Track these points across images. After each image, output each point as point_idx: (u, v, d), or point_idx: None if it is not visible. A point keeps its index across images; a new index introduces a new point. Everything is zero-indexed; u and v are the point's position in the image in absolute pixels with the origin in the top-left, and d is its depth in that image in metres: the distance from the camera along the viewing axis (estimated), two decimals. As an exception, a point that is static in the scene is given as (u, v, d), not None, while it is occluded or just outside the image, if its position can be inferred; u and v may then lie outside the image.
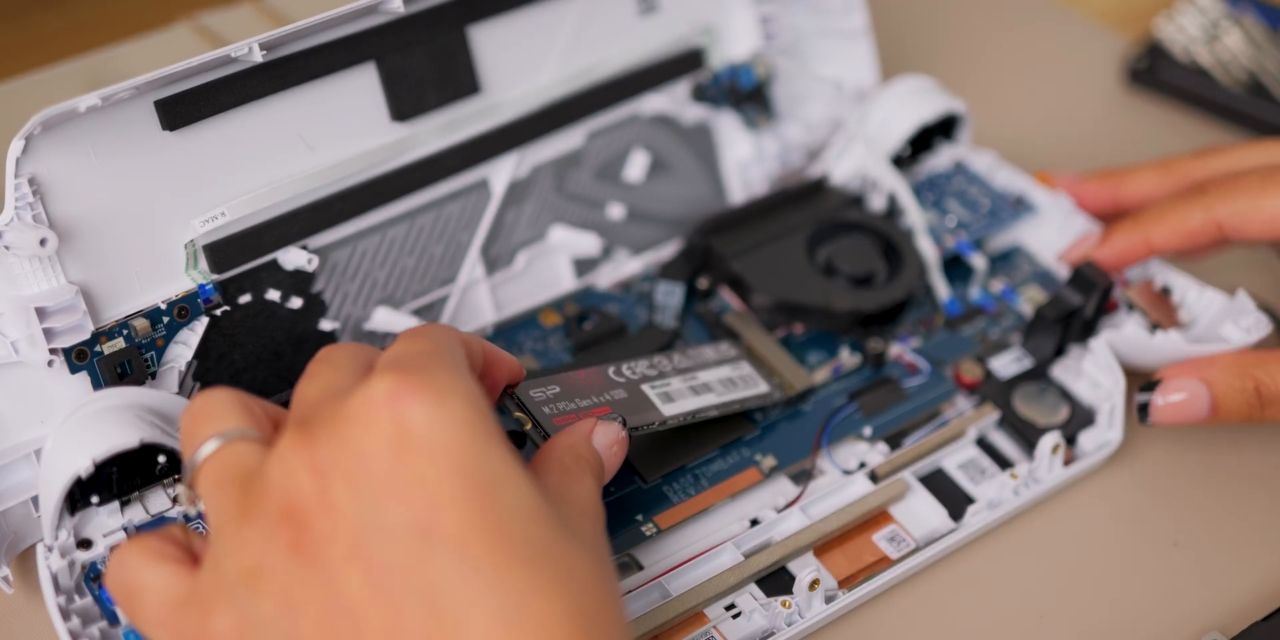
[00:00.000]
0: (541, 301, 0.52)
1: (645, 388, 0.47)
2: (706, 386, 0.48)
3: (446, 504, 0.33)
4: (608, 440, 0.42)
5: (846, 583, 0.45)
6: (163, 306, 0.45)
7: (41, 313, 0.42)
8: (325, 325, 0.49)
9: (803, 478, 0.48)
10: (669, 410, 0.46)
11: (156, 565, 0.36)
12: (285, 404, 0.44)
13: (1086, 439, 0.50)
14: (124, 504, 0.42)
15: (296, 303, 0.48)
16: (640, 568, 0.45)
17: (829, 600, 0.45)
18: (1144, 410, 0.47)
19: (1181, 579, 0.48)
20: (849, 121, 0.54)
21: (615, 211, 0.55)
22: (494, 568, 0.33)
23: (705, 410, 0.47)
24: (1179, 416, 0.46)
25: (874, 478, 0.48)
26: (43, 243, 0.41)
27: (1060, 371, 0.52)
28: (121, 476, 0.41)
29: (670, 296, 0.52)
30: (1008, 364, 0.52)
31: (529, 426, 0.46)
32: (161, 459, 0.41)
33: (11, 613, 0.45)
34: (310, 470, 0.34)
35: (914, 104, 0.55)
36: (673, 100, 0.55)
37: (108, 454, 0.39)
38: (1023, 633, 0.46)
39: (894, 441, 0.50)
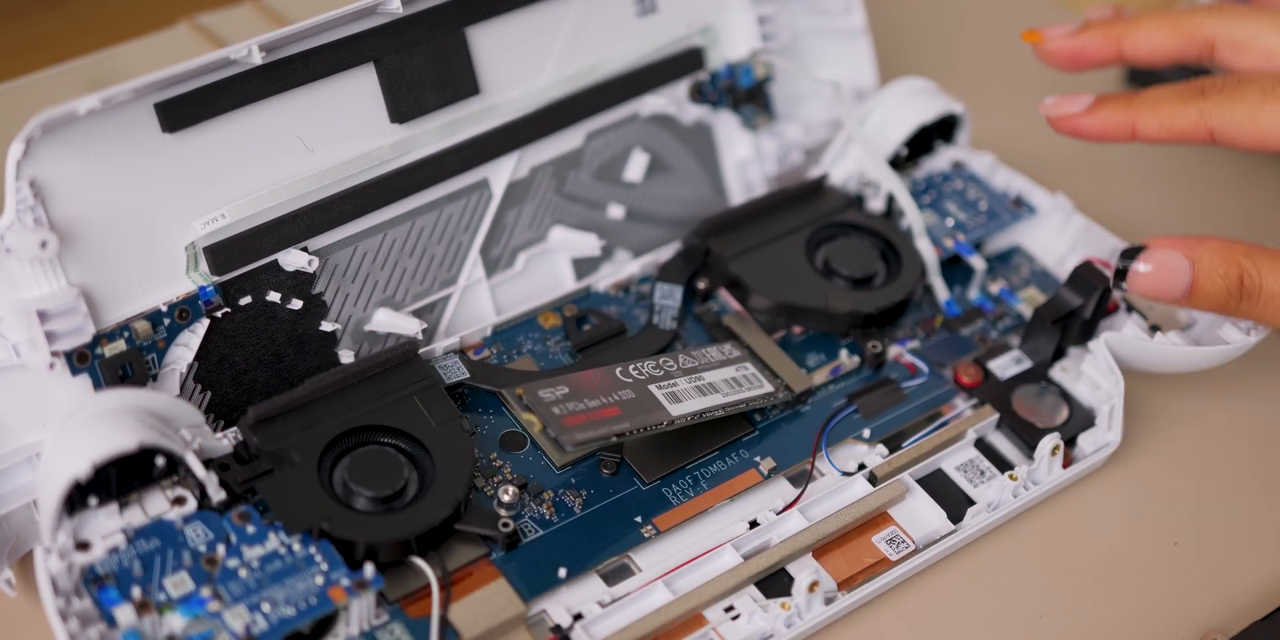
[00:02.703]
0: (541, 303, 0.52)
1: (652, 388, 0.47)
2: (712, 387, 0.48)
3: None
4: None
5: (846, 584, 0.46)
6: (164, 309, 0.45)
7: (43, 315, 0.42)
8: (326, 327, 0.49)
9: (802, 479, 0.48)
10: (676, 411, 0.46)
11: None
12: (291, 405, 0.44)
13: (1086, 440, 0.50)
14: (122, 506, 0.42)
15: (297, 304, 0.48)
16: (639, 570, 0.45)
17: (828, 602, 0.45)
18: (1121, 276, 0.46)
19: (1181, 579, 0.48)
20: (847, 122, 0.54)
21: (615, 212, 0.55)
22: None
23: (711, 410, 0.47)
24: (1155, 289, 0.45)
25: (873, 479, 0.48)
26: (43, 245, 0.41)
27: (1059, 373, 0.52)
28: (120, 478, 0.41)
29: (669, 298, 0.52)
30: (1007, 365, 0.52)
31: (539, 427, 0.46)
32: (160, 461, 0.41)
33: (14, 615, 0.45)
34: None
35: (913, 105, 0.55)
36: (672, 100, 0.55)
37: (106, 457, 0.39)
38: (1023, 633, 0.46)
39: (893, 443, 0.50)
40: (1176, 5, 0.50)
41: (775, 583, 0.45)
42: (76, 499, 0.41)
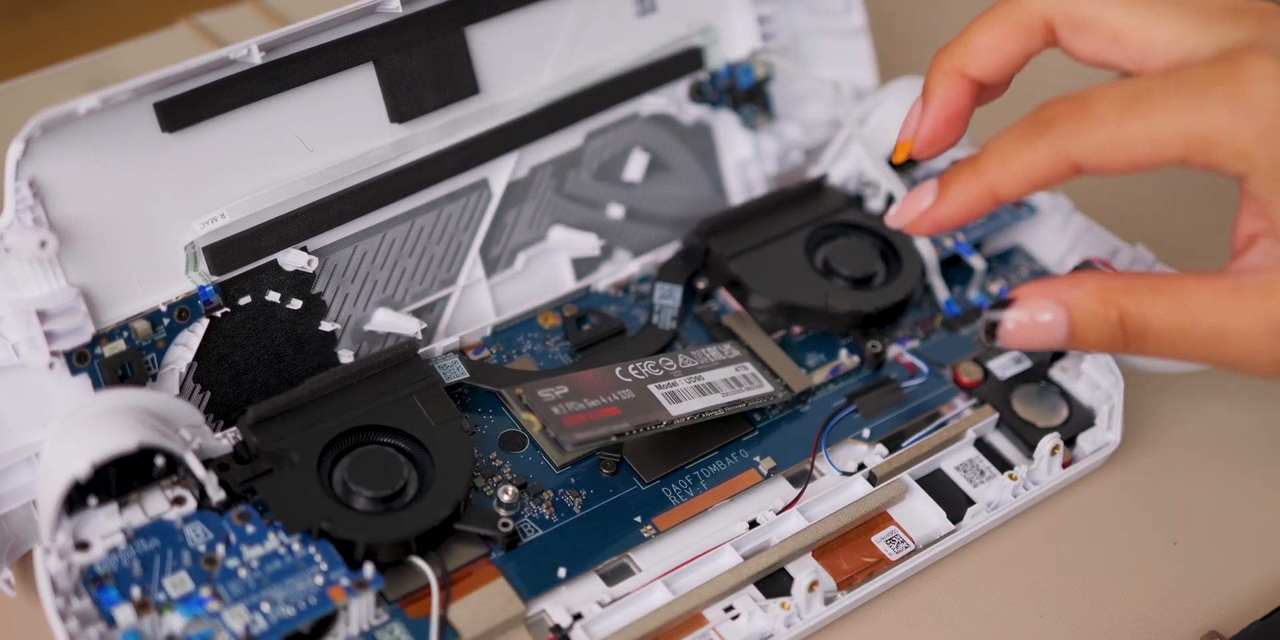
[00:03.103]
0: (541, 303, 0.52)
1: (652, 388, 0.47)
2: (712, 387, 0.48)
3: None
4: None
5: (845, 584, 0.46)
6: (163, 308, 0.45)
7: (42, 315, 0.42)
8: (325, 326, 0.49)
9: (801, 479, 0.48)
10: (676, 410, 0.46)
11: None
12: (291, 405, 0.44)
13: (1085, 440, 0.50)
14: (122, 506, 0.42)
15: (296, 304, 0.48)
16: (639, 570, 0.45)
17: (828, 602, 0.45)
18: (992, 331, 0.40)
19: (1181, 579, 0.48)
20: (847, 122, 0.54)
21: (615, 212, 0.55)
22: None
23: (711, 410, 0.47)
24: (1030, 341, 0.40)
25: (873, 479, 0.48)
26: (43, 245, 0.41)
27: (1059, 373, 0.52)
28: (119, 478, 0.41)
29: (669, 298, 0.52)
30: (1006, 365, 0.52)
31: (539, 427, 0.46)
32: (159, 461, 0.41)
33: (14, 615, 0.45)
34: None
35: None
36: (672, 100, 0.55)
37: (106, 457, 0.39)
38: (1023, 633, 0.46)
39: (893, 443, 0.50)
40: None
41: (775, 583, 0.45)
42: (76, 499, 0.41)
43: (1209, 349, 0.38)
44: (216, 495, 0.42)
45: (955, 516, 0.47)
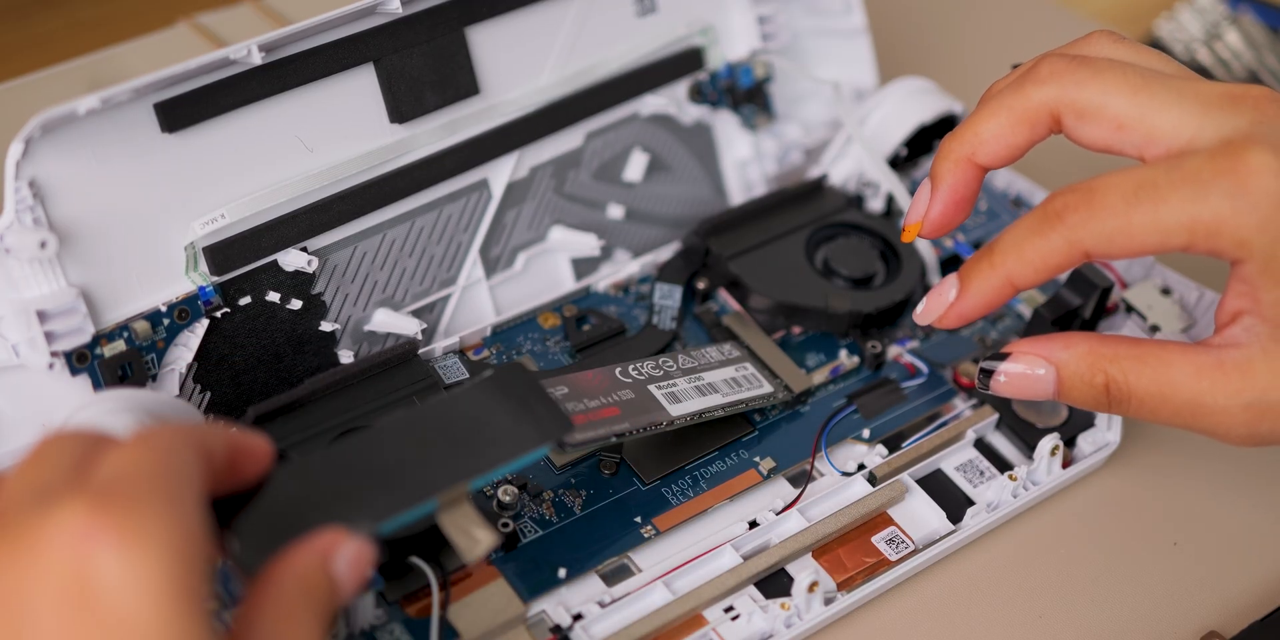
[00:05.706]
0: (541, 303, 0.52)
1: (652, 388, 0.47)
2: (712, 387, 0.48)
3: None
4: (348, 561, 0.35)
5: (845, 585, 0.46)
6: (163, 309, 0.45)
7: (42, 315, 0.42)
8: (325, 327, 0.49)
9: (801, 479, 0.48)
10: (676, 411, 0.46)
11: None
12: (290, 405, 0.44)
13: (1085, 440, 0.50)
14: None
15: (296, 304, 0.48)
16: (639, 570, 0.45)
17: (828, 602, 0.45)
18: (985, 379, 0.43)
19: (1181, 579, 0.48)
20: (847, 122, 0.54)
21: (615, 212, 0.55)
22: None
23: (711, 410, 0.47)
24: (1020, 392, 0.43)
25: (873, 480, 0.48)
26: (43, 245, 0.41)
27: (1059, 372, 0.51)
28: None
29: (668, 298, 0.52)
30: (1007, 365, 0.52)
31: None
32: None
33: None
34: None
35: (912, 105, 0.55)
36: (672, 100, 0.55)
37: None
38: (1022, 633, 0.46)
39: (893, 443, 0.50)
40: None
41: (775, 583, 0.45)
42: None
43: (1187, 418, 0.40)
44: (216, 495, 0.42)
45: (955, 517, 0.47)
